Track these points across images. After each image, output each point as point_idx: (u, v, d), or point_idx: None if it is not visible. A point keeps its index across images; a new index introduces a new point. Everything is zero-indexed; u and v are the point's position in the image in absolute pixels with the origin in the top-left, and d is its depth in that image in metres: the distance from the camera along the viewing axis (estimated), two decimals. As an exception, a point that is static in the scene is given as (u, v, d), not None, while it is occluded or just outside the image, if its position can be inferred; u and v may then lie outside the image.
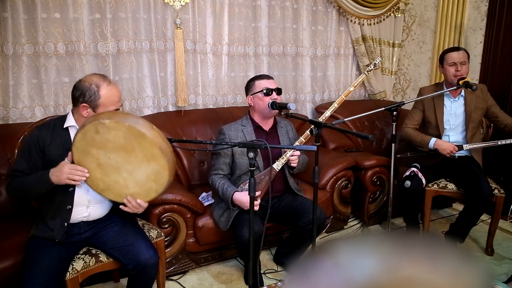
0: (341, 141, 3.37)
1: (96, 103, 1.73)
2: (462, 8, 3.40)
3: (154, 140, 1.64)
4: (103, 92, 1.73)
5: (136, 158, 1.67)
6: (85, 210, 1.85)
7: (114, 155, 1.66)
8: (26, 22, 2.52)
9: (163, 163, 1.67)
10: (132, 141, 1.64)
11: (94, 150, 1.66)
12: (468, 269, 0.42)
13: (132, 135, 1.63)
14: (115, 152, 1.66)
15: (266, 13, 3.32)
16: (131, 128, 1.62)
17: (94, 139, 1.63)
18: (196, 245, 2.47)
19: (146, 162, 1.67)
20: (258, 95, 2.36)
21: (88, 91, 1.72)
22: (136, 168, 1.69)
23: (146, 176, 1.71)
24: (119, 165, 1.69)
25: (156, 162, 1.67)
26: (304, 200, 2.43)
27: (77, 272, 1.79)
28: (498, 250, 2.74)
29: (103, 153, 1.66)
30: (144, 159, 1.67)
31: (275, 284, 1.84)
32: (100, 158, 1.67)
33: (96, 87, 1.72)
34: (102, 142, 1.64)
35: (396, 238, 0.45)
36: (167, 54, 2.99)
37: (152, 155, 1.66)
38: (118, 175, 1.71)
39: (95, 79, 1.75)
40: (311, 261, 0.46)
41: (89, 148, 1.65)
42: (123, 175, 1.71)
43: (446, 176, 2.74)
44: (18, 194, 1.85)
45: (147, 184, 1.72)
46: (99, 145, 1.65)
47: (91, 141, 1.64)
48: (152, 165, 1.68)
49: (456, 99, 2.72)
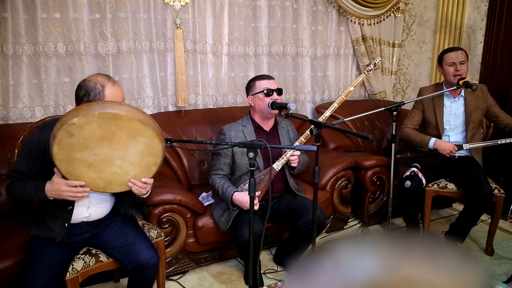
0: (341, 141, 3.37)
1: None
2: (462, 8, 3.40)
3: (129, 115, 1.58)
4: (108, 92, 1.72)
5: (121, 141, 1.60)
6: (86, 210, 1.84)
7: (98, 149, 1.60)
8: (26, 22, 2.52)
9: (150, 133, 1.62)
10: (110, 127, 1.57)
11: (78, 153, 1.58)
12: (468, 269, 0.42)
13: (107, 121, 1.56)
14: (98, 146, 1.59)
15: (266, 13, 3.32)
16: (101, 114, 1.55)
17: (72, 143, 1.56)
18: (196, 245, 2.47)
19: (133, 141, 1.61)
20: (258, 96, 2.36)
21: (93, 90, 1.71)
22: (126, 150, 1.63)
23: (140, 153, 1.65)
24: (109, 156, 1.62)
25: (142, 135, 1.61)
26: (304, 200, 2.43)
27: (77, 272, 1.79)
28: (498, 250, 2.74)
29: (88, 152, 1.60)
30: (128, 138, 1.61)
31: (275, 284, 1.84)
32: (87, 159, 1.61)
33: (101, 86, 1.72)
34: (80, 143, 1.57)
35: (396, 238, 0.45)
36: (167, 54, 2.99)
37: (135, 130, 1.60)
38: (113, 166, 1.65)
39: (100, 79, 1.75)
40: (311, 261, 0.46)
41: (71, 155, 1.58)
42: (117, 163, 1.65)
43: (446, 176, 2.74)
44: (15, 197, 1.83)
45: (143, 160, 1.67)
46: (79, 147, 1.57)
47: (70, 147, 1.56)
48: (139, 140, 1.62)
49: (456, 99, 2.72)
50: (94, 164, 1.62)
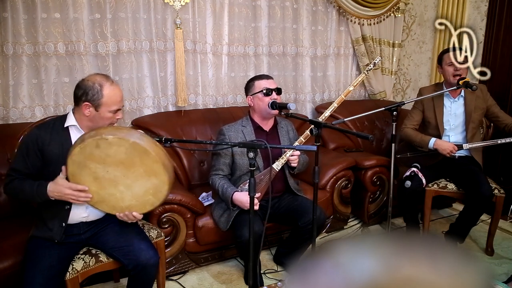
0: (341, 141, 3.37)
1: (98, 102, 1.73)
2: (462, 8, 3.40)
3: (157, 157, 1.66)
4: (106, 91, 1.73)
5: (135, 173, 1.67)
6: (84, 210, 1.85)
7: (112, 169, 1.66)
8: (26, 22, 2.52)
9: (164, 179, 1.69)
10: (134, 157, 1.64)
11: (92, 164, 1.65)
12: (468, 269, 0.42)
13: (135, 151, 1.64)
14: (114, 166, 1.66)
15: (266, 13, 3.32)
16: (135, 144, 1.62)
17: (93, 153, 1.63)
18: (196, 245, 2.47)
19: (146, 177, 1.68)
20: (258, 96, 2.36)
21: (91, 90, 1.72)
22: (135, 182, 1.69)
23: (145, 190, 1.71)
24: (117, 179, 1.69)
25: (157, 177, 1.68)
26: (304, 200, 2.43)
27: (77, 272, 1.79)
28: (498, 250, 2.74)
29: (102, 167, 1.66)
30: (144, 174, 1.68)
31: (275, 284, 1.84)
32: (97, 172, 1.67)
33: (99, 86, 1.73)
34: (101, 157, 1.64)
35: (396, 238, 0.45)
36: (167, 54, 2.99)
37: (154, 171, 1.67)
38: (115, 189, 1.71)
39: (99, 78, 1.76)
40: (311, 261, 0.46)
41: (86, 162, 1.65)
42: (120, 189, 1.71)
43: (446, 176, 2.74)
44: (14, 196, 1.83)
45: (144, 197, 1.73)
46: (97, 159, 1.64)
47: (90, 156, 1.63)
48: (152, 180, 1.69)
49: (456, 99, 2.72)
50: (100, 179, 1.68)
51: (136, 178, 1.68)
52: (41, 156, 1.75)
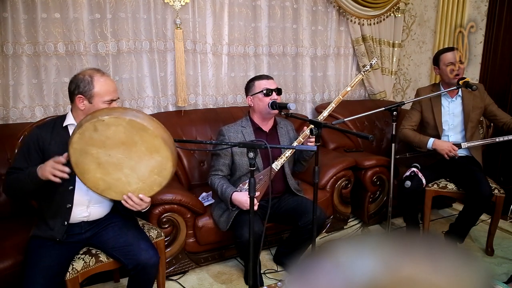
0: (341, 141, 3.37)
1: (91, 93, 1.75)
2: (462, 8, 3.40)
3: (156, 131, 1.63)
4: (97, 82, 1.76)
5: (138, 152, 1.64)
6: (86, 210, 1.85)
7: (114, 152, 1.64)
8: (26, 22, 2.52)
9: (167, 155, 1.66)
10: (134, 135, 1.61)
11: (94, 149, 1.62)
12: (468, 269, 0.42)
13: (133, 129, 1.61)
14: (115, 148, 1.63)
15: (266, 13, 3.32)
16: (132, 122, 1.60)
17: (93, 137, 1.60)
18: (196, 245, 2.47)
19: (148, 155, 1.65)
20: (258, 96, 2.36)
21: (82, 82, 1.75)
22: (138, 162, 1.66)
23: (150, 169, 1.68)
24: (121, 162, 1.66)
25: (159, 153, 1.65)
26: (304, 200, 2.43)
27: (77, 272, 1.79)
28: (498, 250, 2.74)
29: (103, 151, 1.63)
30: (146, 152, 1.64)
31: (275, 284, 1.84)
32: (100, 157, 1.64)
33: (90, 77, 1.76)
34: (101, 140, 1.61)
35: (396, 238, 0.45)
36: (167, 54, 2.99)
37: (155, 147, 1.64)
38: (120, 172, 1.68)
39: (89, 71, 1.80)
40: (311, 261, 0.46)
41: (88, 148, 1.62)
42: (125, 172, 1.68)
43: (446, 176, 2.74)
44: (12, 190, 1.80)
45: (150, 177, 1.70)
46: (98, 143, 1.61)
47: (90, 140, 1.61)
48: (155, 158, 1.66)
49: (453, 99, 2.72)
50: (103, 164, 1.66)
51: (139, 158, 1.65)
52: (42, 155, 1.76)
